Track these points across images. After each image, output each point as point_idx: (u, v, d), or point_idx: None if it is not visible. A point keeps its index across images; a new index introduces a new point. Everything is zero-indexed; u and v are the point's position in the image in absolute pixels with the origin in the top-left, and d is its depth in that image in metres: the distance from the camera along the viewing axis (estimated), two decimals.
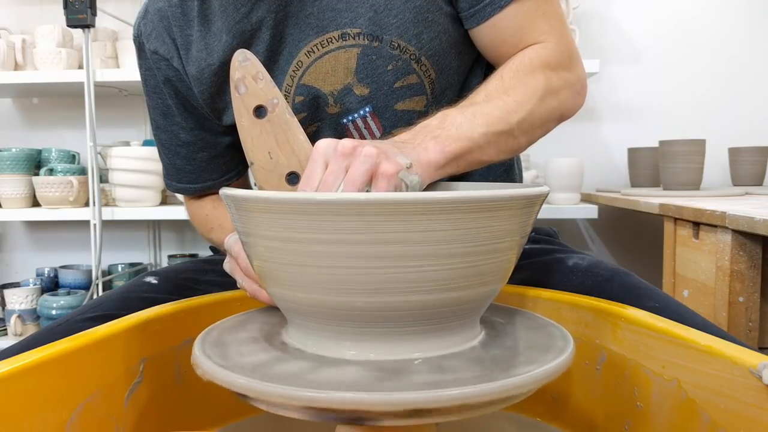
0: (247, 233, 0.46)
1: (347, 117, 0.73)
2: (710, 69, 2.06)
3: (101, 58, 1.91)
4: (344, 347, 0.45)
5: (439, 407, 0.38)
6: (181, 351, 0.63)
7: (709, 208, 1.13)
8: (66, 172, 1.88)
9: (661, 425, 0.52)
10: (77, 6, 1.69)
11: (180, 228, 2.23)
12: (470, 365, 0.43)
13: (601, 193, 1.88)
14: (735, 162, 1.84)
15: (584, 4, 2.00)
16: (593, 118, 2.10)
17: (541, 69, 0.66)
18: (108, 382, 0.55)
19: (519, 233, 0.45)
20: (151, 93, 0.79)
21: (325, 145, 0.49)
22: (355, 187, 0.47)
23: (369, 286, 0.41)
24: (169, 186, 0.86)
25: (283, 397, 0.39)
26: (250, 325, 0.54)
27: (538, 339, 0.49)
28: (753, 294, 1.08)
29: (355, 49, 0.69)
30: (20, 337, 1.87)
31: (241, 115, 0.56)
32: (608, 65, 2.05)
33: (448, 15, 0.70)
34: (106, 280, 1.97)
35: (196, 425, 0.64)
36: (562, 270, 0.72)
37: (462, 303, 0.44)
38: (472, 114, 0.59)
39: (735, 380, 0.44)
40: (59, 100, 2.20)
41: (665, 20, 2.07)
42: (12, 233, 2.28)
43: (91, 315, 0.68)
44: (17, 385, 0.45)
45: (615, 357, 0.58)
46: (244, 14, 0.69)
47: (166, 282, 0.77)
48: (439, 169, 0.55)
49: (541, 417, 0.67)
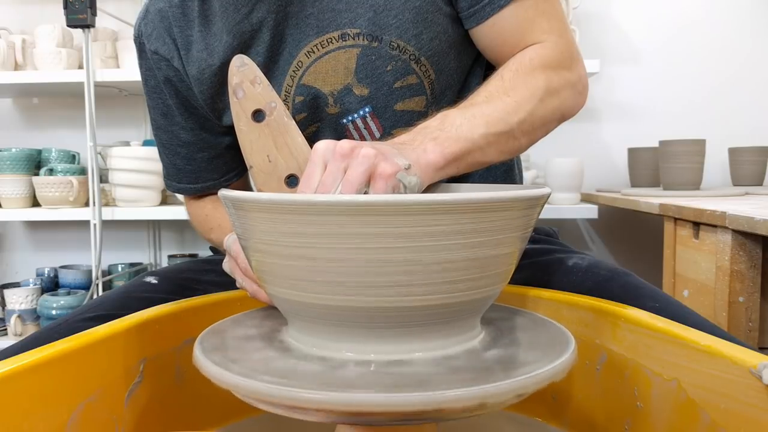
0: (246, 234, 0.46)
1: (347, 117, 0.73)
2: (710, 69, 2.06)
3: (101, 58, 1.91)
4: (344, 347, 0.45)
5: (440, 408, 0.38)
6: (181, 351, 0.63)
7: (709, 208, 1.13)
8: (66, 172, 1.88)
9: (661, 425, 0.52)
10: (77, 6, 1.69)
11: (180, 228, 2.23)
12: (471, 365, 0.43)
13: (601, 193, 1.88)
14: (735, 162, 1.84)
15: (584, 4, 1.99)
16: (593, 118, 2.10)
17: (542, 69, 0.66)
18: (108, 382, 0.55)
19: (520, 235, 0.45)
20: (151, 93, 0.79)
21: (323, 146, 0.49)
22: (353, 188, 0.47)
23: (368, 287, 0.41)
24: (169, 186, 0.86)
25: (283, 397, 0.39)
26: (250, 325, 0.54)
27: (539, 339, 0.49)
28: (753, 294, 1.08)
29: (355, 50, 0.69)
30: (20, 337, 1.86)
31: (239, 119, 0.56)
32: (608, 65, 2.05)
33: (447, 15, 0.70)
34: (106, 280, 1.97)
35: (196, 425, 0.64)
36: (562, 270, 0.72)
37: (462, 304, 0.44)
38: (472, 115, 0.59)
39: (735, 380, 0.44)
40: (59, 100, 2.20)
41: (665, 20, 2.07)
42: (12, 233, 2.28)
43: (91, 315, 0.68)
44: (17, 385, 0.45)
45: (615, 357, 0.58)
46: (244, 15, 0.69)
47: (166, 282, 0.77)
48: (439, 170, 0.55)
49: (541, 417, 0.67)
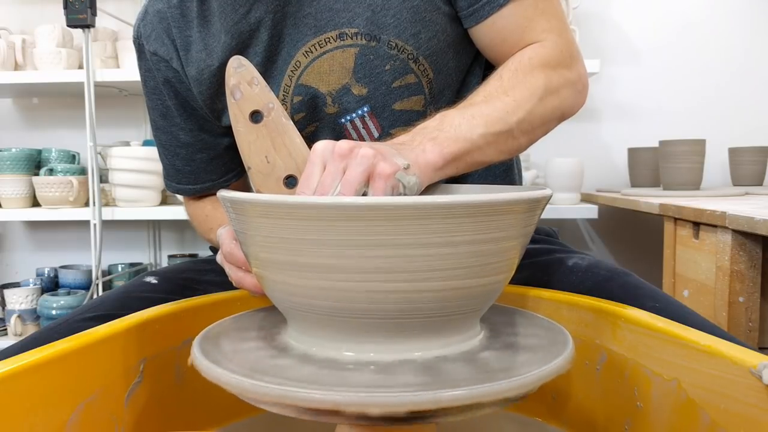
0: (245, 235, 0.46)
1: (345, 117, 0.73)
2: (710, 69, 2.06)
3: (101, 58, 1.91)
4: (344, 347, 0.45)
5: (440, 408, 0.38)
6: (181, 351, 0.63)
7: (709, 208, 1.13)
8: (66, 172, 1.88)
9: (661, 425, 0.52)
10: (77, 6, 1.69)
11: (180, 228, 2.23)
12: (471, 365, 0.43)
13: (601, 193, 1.88)
14: (735, 162, 1.84)
15: (584, 4, 1.99)
16: (593, 118, 2.10)
17: (541, 68, 0.66)
18: (108, 382, 0.55)
19: (521, 237, 0.45)
20: (150, 94, 0.79)
21: (322, 147, 0.49)
22: (352, 187, 0.47)
23: (368, 289, 0.41)
24: (168, 187, 0.86)
25: (283, 397, 0.39)
26: (249, 325, 0.54)
27: (538, 339, 0.49)
28: (753, 294, 1.08)
29: (353, 49, 0.69)
30: (20, 337, 1.86)
31: (237, 120, 0.56)
32: (608, 65, 2.05)
33: (446, 14, 0.70)
34: (106, 280, 1.97)
35: (196, 425, 0.64)
36: (562, 270, 0.72)
37: (463, 305, 0.44)
38: (471, 115, 0.59)
39: (735, 380, 0.44)
40: (59, 100, 2.20)
41: (665, 20, 2.07)
42: (12, 233, 2.28)
43: (91, 315, 0.68)
44: (17, 385, 0.45)
45: (615, 357, 0.58)
46: (242, 15, 0.69)
47: (166, 282, 0.77)
48: (438, 170, 0.55)
49: (541, 417, 0.67)
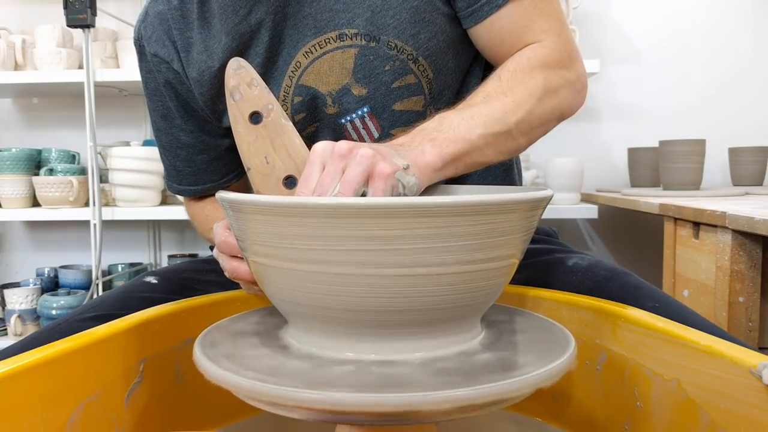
0: (244, 236, 0.46)
1: (345, 117, 0.73)
2: (710, 69, 2.06)
3: (101, 58, 1.91)
4: (344, 347, 0.45)
5: (439, 408, 0.38)
6: (181, 351, 0.63)
7: (709, 208, 1.13)
8: (66, 172, 1.88)
9: (661, 425, 0.52)
10: (77, 6, 1.69)
11: (180, 228, 2.23)
12: (471, 365, 0.43)
13: (601, 193, 1.88)
14: (735, 162, 1.84)
15: (584, 4, 1.99)
16: (593, 118, 2.10)
17: (540, 68, 0.66)
18: (108, 382, 0.55)
19: (522, 237, 0.45)
20: (151, 95, 0.79)
21: (322, 147, 0.49)
22: (351, 187, 0.47)
23: (368, 289, 0.41)
24: (170, 187, 0.86)
25: (283, 397, 0.39)
26: (250, 325, 0.54)
27: (539, 339, 0.49)
28: (753, 294, 1.08)
29: (353, 50, 0.69)
30: (20, 337, 1.86)
31: (236, 121, 0.56)
32: (608, 65, 2.05)
33: (445, 15, 0.70)
34: (106, 280, 1.97)
35: (196, 425, 0.64)
36: (562, 270, 0.72)
37: (463, 305, 0.44)
38: (470, 116, 0.59)
39: (735, 380, 0.44)
40: (59, 100, 2.20)
41: (665, 20, 2.07)
42: (12, 233, 2.28)
43: (91, 315, 0.68)
44: (17, 385, 0.45)
45: (615, 357, 0.58)
46: (242, 16, 0.69)
47: (166, 282, 0.77)
48: (437, 171, 0.55)
49: (541, 417, 0.67)
